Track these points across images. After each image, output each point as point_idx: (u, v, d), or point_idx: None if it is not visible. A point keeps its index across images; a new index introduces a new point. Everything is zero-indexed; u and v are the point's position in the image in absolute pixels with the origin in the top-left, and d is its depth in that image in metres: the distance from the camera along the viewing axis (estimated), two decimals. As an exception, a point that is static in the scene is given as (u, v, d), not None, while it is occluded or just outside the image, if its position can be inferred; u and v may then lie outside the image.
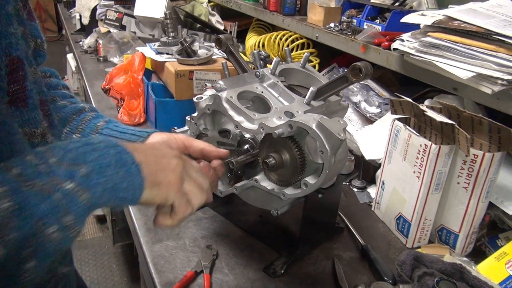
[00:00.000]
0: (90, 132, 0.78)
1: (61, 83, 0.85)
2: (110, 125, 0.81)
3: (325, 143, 0.72)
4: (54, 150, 0.48)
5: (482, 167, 0.95)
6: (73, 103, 0.82)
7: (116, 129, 0.80)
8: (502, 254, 0.97)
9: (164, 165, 0.56)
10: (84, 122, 0.79)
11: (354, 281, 0.92)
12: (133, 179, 0.51)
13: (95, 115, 0.82)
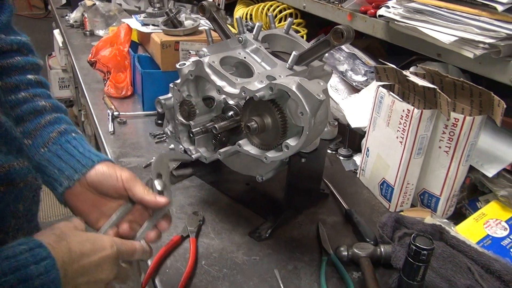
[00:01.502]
0: (40, 144, 0.70)
1: (29, 61, 0.74)
2: (62, 139, 0.72)
3: (304, 104, 0.73)
4: None
5: (463, 131, 0.97)
6: (35, 97, 0.72)
7: (65, 147, 0.71)
8: (480, 215, 1.00)
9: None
10: (38, 128, 0.71)
11: (338, 243, 0.94)
12: None
13: (53, 118, 0.73)
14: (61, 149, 0.71)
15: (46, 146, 0.70)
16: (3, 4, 0.66)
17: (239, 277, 0.87)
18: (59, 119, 0.74)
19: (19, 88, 0.71)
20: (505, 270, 0.83)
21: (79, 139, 0.73)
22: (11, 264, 0.48)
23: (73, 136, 0.73)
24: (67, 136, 0.72)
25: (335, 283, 0.87)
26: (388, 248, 0.90)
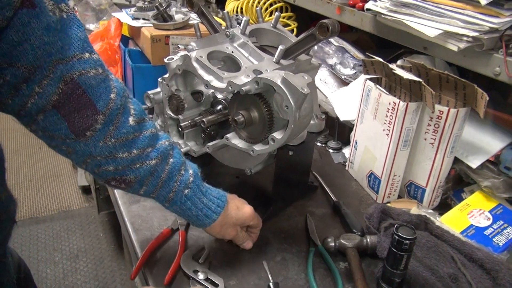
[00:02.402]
0: (164, 200, 0.80)
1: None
2: (178, 202, 0.80)
3: (289, 97, 0.74)
4: None
5: (447, 123, 0.99)
6: (145, 152, 0.72)
7: (200, 198, 0.82)
8: (465, 206, 1.02)
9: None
10: (157, 189, 0.77)
11: (325, 234, 0.96)
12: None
13: (166, 178, 0.76)
14: (180, 209, 0.81)
15: (169, 203, 0.81)
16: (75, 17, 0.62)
17: (227, 268, 0.88)
18: (170, 176, 0.76)
19: (129, 142, 0.69)
20: (487, 259, 0.86)
21: (191, 196, 0.80)
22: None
23: (185, 194, 0.79)
24: (181, 196, 0.79)
25: (322, 273, 0.89)
26: (374, 239, 0.92)
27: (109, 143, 0.67)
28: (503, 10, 0.90)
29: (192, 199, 0.79)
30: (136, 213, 1.02)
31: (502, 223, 0.97)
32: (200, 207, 0.81)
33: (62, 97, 0.59)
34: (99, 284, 2.14)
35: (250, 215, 0.88)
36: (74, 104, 0.61)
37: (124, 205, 1.05)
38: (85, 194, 2.78)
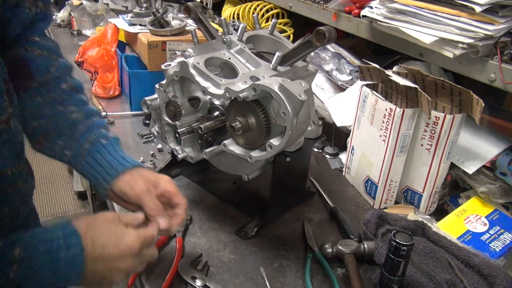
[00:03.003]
0: (78, 156, 0.79)
1: (61, 67, 0.81)
2: (94, 150, 0.79)
3: (286, 104, 0.74)
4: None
5: (444, 129, 0.99)
6: (68, 108, 0.79)
7: (97, 158, 0.79)
8: (461, 211, 1.02)
9: (112, 279, 0.63)
10: (74, 140, 0.79)
11: (323, 240, 0.96)
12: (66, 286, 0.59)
13: (85, 128, 0.80)
14: (94, 160, 0.79)
15: (82, 158, 0.79)
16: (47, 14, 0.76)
17: (225, 275, 0.88)
18: (90, 128, 0.80)
19: (56, 101, 0.78)
20: (484, 265, 0.86)
21: (107, 146, 0.81)
22: (47, 246, 0.56)
23: (102, 143, 0.80)
24: (98, 146, 0.80)
25: (319, 280, 0.89)
26: (371, 245, 0.92)
27: (37, 100, 0.75)
28: (498, 18, 0.91)
29: (107, 147, 0.80)
30: (133, 219, 1.01)
31: (499, 228, 0.98)
32: (114, 156, 0.80)
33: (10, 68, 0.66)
34: (95, 290, 2.12)
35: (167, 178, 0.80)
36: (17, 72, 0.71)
37: (121, 212, 1.04)
38: (81, 199, 2.76)
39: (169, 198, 0.80)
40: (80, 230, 0.59)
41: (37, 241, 0.56)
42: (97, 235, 0.61)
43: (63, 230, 0.58)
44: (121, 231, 0.64)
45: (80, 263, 0.58)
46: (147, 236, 0.67)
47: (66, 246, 0.57)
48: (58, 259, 0.56)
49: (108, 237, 0.62)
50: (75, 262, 0.57)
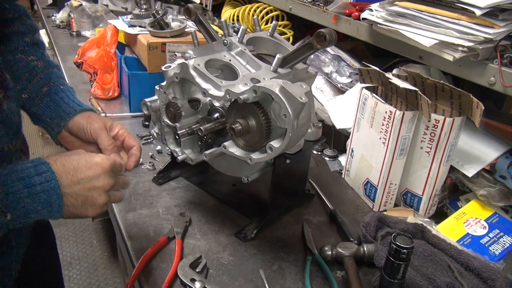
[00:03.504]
0: (35, 98, 0.85)
1: (27, 26, 0.88)
2: (52, 92, 0.86)
3: (287, 106, 0.74)
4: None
5: (443, 132, 0.99)
6: (29, 57, 0.86)
7: (54, 99, 0.85)
8: (461, 214, 1.02)
9: (95, 200, 0.67)
10: (33, 84, 0.85)
11: (322, 243, 0.96)
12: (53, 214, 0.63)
13: (44, 75, 0.87)
14: (51, 100, 0.85)
15: (40, 99, 0.85)
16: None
17: (224, 277, 0.88)
18: (49, 75, 0.87)
19: (17, 50, 0.85)
20: (484, 268, 0.86)
21: (65, 90, 0.87)
22: (18, 174, 0.59)
23: (60, 88, 0.87)
24: (56, 89, 0.86)
25: (319, 282, 0.89)
26: (371, 247, 0.92)
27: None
28: (498, 21, 0.92)
29: (65, 91, 0.87)
30: (132, 221, 1.01)
31: (498, 231, 0.98)
32: (72, 99, 0.86)
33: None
34: (93, 292, 2.12)
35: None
36: None
37: (120, 213, 1.04)
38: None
39: (123, 140, 0.86)
40: (49, 159, 0.63)
41: (9, 171, 0.59)
42: (67, 160, 0.65)
43: (32, 162, 0.62)
44: (90, 155, 0.68)
45: (56, 186, 0.61)
46: (115, 160, 0.71)
47: (37, 172, 0.60)
48: (32, 183, 0.59)
49: (78, 161, 0.66)
50: (50, 185, 0.60)
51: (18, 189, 0.58)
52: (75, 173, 0.64)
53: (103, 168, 0.67)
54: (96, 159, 0.67)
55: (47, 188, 0.60)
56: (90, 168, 0.66)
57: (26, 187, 0.59)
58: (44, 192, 0.60)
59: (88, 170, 0.65)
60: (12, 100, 0.70)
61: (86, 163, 0.66)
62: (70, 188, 0.63)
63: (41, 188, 0.60)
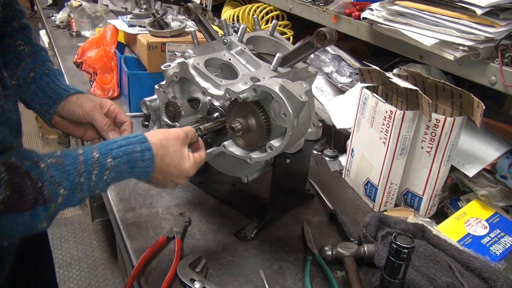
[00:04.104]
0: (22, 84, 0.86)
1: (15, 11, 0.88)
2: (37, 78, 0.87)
3: (287, 105, 0.74)
4: None
5: (444, 132, 0.99)
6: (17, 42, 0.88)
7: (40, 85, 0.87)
8: (461, 214, 1.02)
9: (166, 186, 0.80)
10: (20, 70, 0.86)
11: (322, 242, 0.95)
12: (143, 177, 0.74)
13: (31, 60, 0.87)
14: (38, 87, 0.86)
15: (27, 86, 0.86)
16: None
17: (224, 277, 0.87)
18: (35, 60, 0.88)
19: (5, 35, 0.87)
20: (485, 268, 0.86)
21: (51, 75, 0.88)
22: (128, 158, 0.69)
23: (46, 73, 0.88)
24: (41, 74, 0.87)
25: (319, 283, 0.88)
26: (371, 247, 0.91)
27: None
28: (499, 20, 0.91)
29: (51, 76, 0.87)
30: (132, 221, 1.01)
31: (499, 231, 0.97)
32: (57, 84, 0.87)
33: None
34: (92, 292, 2.11)
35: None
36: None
37: (119, 212, 1.04)
38: (79, 201, 2.75)
39: (114, 117, 0.89)
40: (154, 147, 0.72)
41: (122, 153, 0.69)
42: (165, 154, 0.74)
43: (141, 145, 0.71)
44: (183, 156, 0.77)
45: (150, 172, 0.72)
46: (200, 161, 0.82)
47: (142, 158, 0.70)
48: (135, 167, 0.70)
49: (173, 159, 0.75)
50: (146, 170, 0.72)
51: (124, 170, 0.69)
52: (166, 167, 0.75)
53: (187, 175, 0.79)
54: (186, 166, 0.77)
55: (143, 173, 0.72)
56: (179, 170, 0.77)
57: (130, 169, 0.70)
58: (139, 175, 0.72)
59: (176, 171, 0.76)
60: (10, 99, 0.70)
61: (177, 165, 0.76)
62: (156, 175, 0.74)
63: (139, 172, 0.71)
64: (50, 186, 0.59)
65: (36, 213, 0.58)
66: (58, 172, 0.61)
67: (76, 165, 0.63)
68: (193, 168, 0.79)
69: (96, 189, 0.66)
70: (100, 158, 0.66)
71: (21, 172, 0.57)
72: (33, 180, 0.57)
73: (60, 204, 0.61)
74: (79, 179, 0.63)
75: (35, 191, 0.57)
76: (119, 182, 1.09)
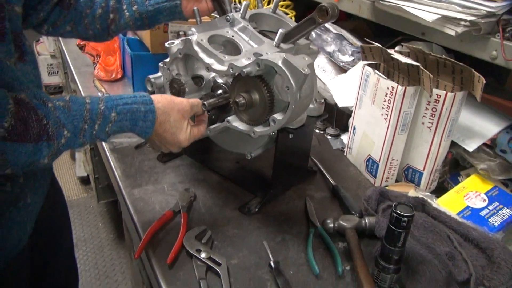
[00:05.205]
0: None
1: None
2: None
3: (290, 78, 0.75)
4: None
5: (445, 107, 1.00)
6: None
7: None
8: (461, 188, 1.04)
9: (160, 148, 0.85)
10: None
11: (324, 216, 0.98)
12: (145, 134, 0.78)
13: None
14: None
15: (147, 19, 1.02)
16: None
17: (229, 249, 0.90)
18: None
19: None
20: (483, 238, 0.88)
21: None
22: (131, 116, 0.74)
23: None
24: None
25: (321, 253, 0.91)
26: (372, 220, 0.94)
27: None
28: (500, -6, 0.91)
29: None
30: (138, 196, 1.03)
31: (498, 204, 0.99)
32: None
33: None
34: (99, 272, 2.15)
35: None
36: None
37: (126, 188, 1.06)
38: (84, 184, 2.78)
39: None
40: (157, 112, 0.77)
41: (126, 111, 0.73)
42: (165, 121, 0.78)
43: (145, 106, 0.76)
44: (181, 127, 0.81)
45: (149, 133, 0.77)
46: (196, 135, 0.85)
47: (144, 119, 0.75)
48: (136, 125, 0.75)
49: (171, 127, 0.79)
50: (146, 131, 0.77)
51: (126, 126, 0.74)
52: (163, 132, 0.79)
53: (179, 145, 0.83)
54: (180, 137, 0.81)
55: (143, 131, 0.77)
56: (172, 139, 0.81)
57: (131, 125, 0.75)
58: (139, 132, 0.77)
59: (170, 138, 0.81)
60: (29, 64, 0.75)
61: (173, 134, 0.80)
62: (153, 137, 0.80)
63: (140, 129, 0.76)
64: (55, 125, 0.64)
65: (39, 148, 0.62)
66: (64, 115, 0.65)
67: (82, 112, 0.68)
68: (187, 142, 0.83)
69: (98, 138, 0.71)
70: (105, 111, 0.71)
71: (28, 107, 0.61)
72: (39, 116, 0.62)
73: (63, 145, 0.66)
74: (83, 125, 0.68)
75: (40, 127, 0.62)
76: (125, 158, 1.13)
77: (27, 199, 0.80)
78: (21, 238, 0.81)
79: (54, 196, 1.01)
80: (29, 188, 0.79)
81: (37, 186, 0.83)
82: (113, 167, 1.14)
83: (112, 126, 0.72)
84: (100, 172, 2.08)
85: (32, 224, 0.84)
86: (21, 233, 0.81)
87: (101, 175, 2.09)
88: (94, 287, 2.08)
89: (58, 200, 1.09)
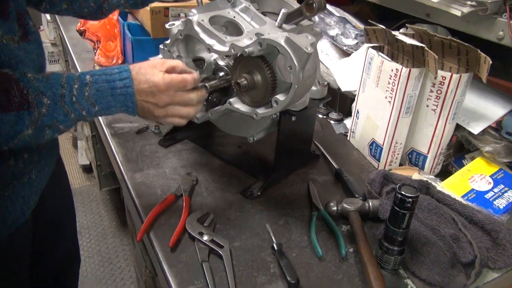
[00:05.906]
0: None
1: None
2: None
3: (293, 57, 0.74)
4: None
5: (450, 89, 0.99)
6: None
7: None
8: (466, 171, 1.03)
9: (152, 112, 0.78)
10: None
11: (328, 200, 0.97)
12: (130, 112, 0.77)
13: None
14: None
15: None
16: None
17: (232, 231, 0.89)
18: None
19: None
20: (487, 220, 0.87)
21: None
22: (107, 77, 0.73)
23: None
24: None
25: (325, 236, 0.90)
26: (376, 203, 0.93)
27: None
28: (508, -28, 0.89)
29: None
30: (140, 180, 1.03)
31: (503, 187, 0.98)
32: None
33: None
34: (102, 259, 2.16)
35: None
36: None
37: (128, 173, 1.05)
38: (86, 173, 2.79)
39: None
40: (130, 67, 0.74)
41: (101, 73, 0.73)
42: (138, 73, 0.75)
43: (118, 68, 0.74)
44: (152, 72, 0.76)
45: (132, 92, 0.74)
46: (174, 78, 0.77)
47: (120, 77, 0.73)
48: (115, 86, 0.73)
49: (144, 75, 0.75)
50: (128, 90, 0.73)
51: (105, 88, 0.72)
52: (138, 85, 0.74)
53: (158, 89, 0.76)
54: (153, 78, 0.75)
55: (124, 93, 0.73)
56: (148, 85, 0.75)
57: (110, 88, 0.72)
58: (122, 95, 0.73)
59: (146, 86, 0.75)
60: (33, 43, 0.76)
61: (146, 79, 0.75)
62: (137, 97, 0.75)
63: (121, 91, 0.73)
64: (34, 93, 0.65)
65: (21, 117, 0.64)
66: (42, 84, 0.67)
67: (59, 79, 0.69)
68: (162, 81, 0.75)
69: (80, 106, 0.70)
70: (80, 76, 0.72)
71: (10, 79, 0.64)
72: (20, 86, 0.64)
73: (45, 115, 0.67)
74: (61, 91, 0.68)
75: (21, 96, 0.64)
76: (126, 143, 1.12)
77: (32, 175, 0.81)
78: (24, 211, 0.83)
79: (59, 175, 1.03)
80: (34, 164, 0.81)
81: (43, 164, 0.85)
82: (115, 152, 1.13)
83: (90, 89, 0.71)
84: (102, 160, 2.07)
85: (36, 199, 0.86)
86: (24, 207, 0.82)
87: (103, 162, 2.08)
88: (98, 274, 2.09)
89: (63, 181, 1.11)
